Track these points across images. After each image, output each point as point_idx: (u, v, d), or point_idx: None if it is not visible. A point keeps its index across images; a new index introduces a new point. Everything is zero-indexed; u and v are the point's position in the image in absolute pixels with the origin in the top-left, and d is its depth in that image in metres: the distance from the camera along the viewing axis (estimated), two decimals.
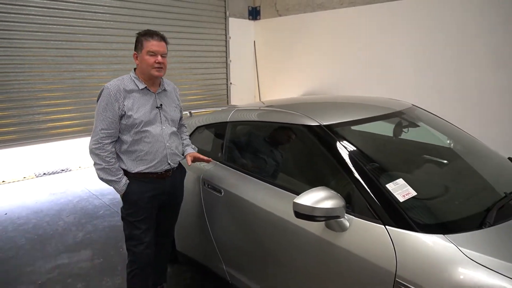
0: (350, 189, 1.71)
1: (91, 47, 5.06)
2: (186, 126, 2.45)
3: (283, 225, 1.87)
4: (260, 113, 2.52)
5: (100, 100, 1.99)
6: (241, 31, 6.99)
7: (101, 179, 2.01)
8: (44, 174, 5.37)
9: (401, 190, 1.63)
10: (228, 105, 6.69)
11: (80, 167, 5.67)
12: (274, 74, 7.00)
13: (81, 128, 5.09)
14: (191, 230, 2.58)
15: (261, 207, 2.00)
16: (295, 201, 1.59)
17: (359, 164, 1.75)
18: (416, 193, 1.64)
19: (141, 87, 2.03)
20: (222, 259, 2.35)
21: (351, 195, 1.70)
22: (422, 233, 1.46)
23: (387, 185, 1.64)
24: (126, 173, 2.04)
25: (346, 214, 1.63)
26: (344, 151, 1.81)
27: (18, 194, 4.57)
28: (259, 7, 7.04)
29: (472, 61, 4.37)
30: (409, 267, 1.42)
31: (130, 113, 1.96)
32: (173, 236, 2.49)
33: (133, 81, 2.03)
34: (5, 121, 4.52)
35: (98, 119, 1.98)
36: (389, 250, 1.48)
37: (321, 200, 1.56)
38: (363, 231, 1.59)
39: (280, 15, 6.71)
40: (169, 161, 2.08)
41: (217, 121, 2.66)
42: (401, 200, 1.59)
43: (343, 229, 1.63)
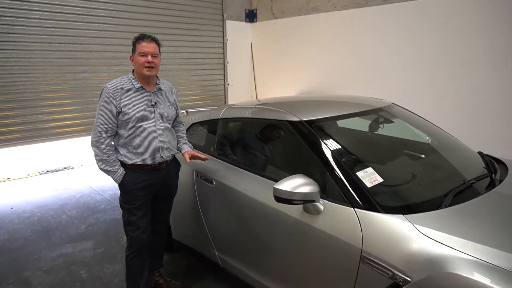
0: (325, 176, 1.91)
1: (92, 50, 5.26)
2: (183, 124, 2.65)
3: (266, 211, 2.07)
4: (248, 111, 2.72)
5: (100, 98, 2.21)
6: (238, 33, 7.19)
7: (101, 169, 2.22)
8: (47, 171, 5.58)
9: (369, 177, 1.83)
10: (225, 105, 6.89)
11: (82, 165, 5.88)
12: (270, 74, 7.20)
13: (83, 127, 5.28)
14: (186, 219, 2.78)
15: (247, 195, 2.21)
16: (275, 186, 1.79)
17: (334, 154, 1.95)
18: (382, 180, 1.84)
19: (137, 86, 2.23)
20: (214, 245, 2.55)
21: (326, 182, 1.90)
22: (385, 214, 1.66)
23: (357, 173, 1.85)
24: (123, 164, 2.25)
25: (321, 199, 1.83)
26: (321, 144, 2.02)
27: (22, 190, 4.78)
28: (256, 10, 7.25)
29: (465, 62, 4.49)
30: (373, 243, 1.62)
31: (126, 110, 2.17)
32: (168, 223, 2.69)
33: (131, 81, 2.23)
34: (10, 121, 4.72)
35: (98, 115, 2.20)
36: (357, 229, 1.68)
37: (298, 186, 1.76)
38: (335, 213, 1.79)
39: (276, 18, 6.91)
40: (162, 155, 2.28)
41: (210, 118, 2.86)
42: (369, 185, 1.79)
43: (318, 212, 1.83)
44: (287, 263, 2.03)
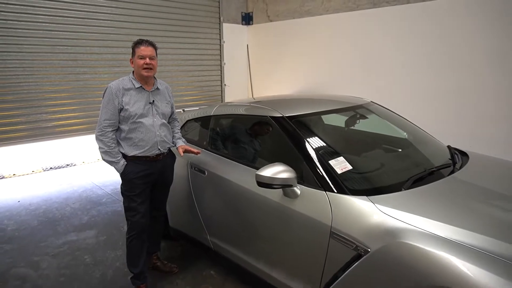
0: (302, 165, 2.17)
1: (93, 52, 5.47)
2: (178, 120, 2.90)
3: (251, 196, 2.33)
4: (237, 108, 2.98)
5: (104, 96, 2.46)
6: (235, 35, 7.43)
7: (104, 160, 2.48)
8: (51, 168, 5.83)
9: (340, 165, 2.09)
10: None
11: (84, 162, 6.13)
12: (266, 75, 7.45)
13: (85, 126, 5.50)
14: (182, 207, 3.03)
15: (235, 183, 2.47)
16: (257, 173, 2.05)
17: (310, 146, 2.21)
18: (352, 168, 2.10)
19: (137, 86, 2.49)
20: (206, 230, 2.81)
21: (303, 169, 2.15)
22: (351, 196, 1.92)
23: (329, 161, 2.10)
24: (124, 156, 2.51)
25: (298, 184, 2.08)
26: (300, 137, 2.28)
27: (28, 185, 5.03)
28: (252, 13, 7.50)
29: (461, 63, 4.61)
30: (340, 220, 1.87)
31: (127, 107, 2.43)
32: (165, 210, 2.94)
33: (131, 81, 2.49)
34: (15, 120, 4.94)
35: (101, 112, 2.45)
36: (327, 209, 1.93)
37: (278, 172, 2.03)
38: (310, 197, 2.05)
39: (271, 21, 7.17)
40: (159, 147, 2.54)
41: (203, 115, 3.12)
42: (339, 172, 2.05)
43: (296, 196, 2.09)
44: (270, 243, 2.29)
